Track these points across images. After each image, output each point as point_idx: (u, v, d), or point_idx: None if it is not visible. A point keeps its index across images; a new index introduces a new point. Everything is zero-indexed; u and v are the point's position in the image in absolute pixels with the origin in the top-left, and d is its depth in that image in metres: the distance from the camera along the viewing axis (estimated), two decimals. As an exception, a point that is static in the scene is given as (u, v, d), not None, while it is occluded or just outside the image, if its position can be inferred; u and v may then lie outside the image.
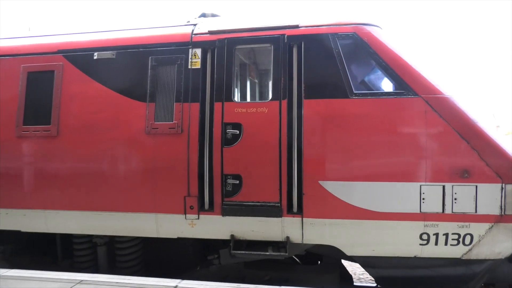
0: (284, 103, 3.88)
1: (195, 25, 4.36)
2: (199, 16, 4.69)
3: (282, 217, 3.87)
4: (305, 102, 3.84)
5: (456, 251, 3.70)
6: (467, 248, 3.67)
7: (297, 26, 4.01)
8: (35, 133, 4.40)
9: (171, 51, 4.23)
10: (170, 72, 4.20)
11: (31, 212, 4.44)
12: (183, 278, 4.01)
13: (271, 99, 3.96)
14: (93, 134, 4.26)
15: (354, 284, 4.70)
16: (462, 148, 3.58)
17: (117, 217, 4.23)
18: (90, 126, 4.27)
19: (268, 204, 3.88)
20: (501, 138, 3.71)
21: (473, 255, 3.69)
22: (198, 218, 4.06)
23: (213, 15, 4.70)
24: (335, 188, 3.74)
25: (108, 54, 4.36)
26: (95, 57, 4.38)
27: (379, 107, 3.72)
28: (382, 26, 4.06)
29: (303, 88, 3.86)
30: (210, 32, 4.18)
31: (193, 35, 4.24)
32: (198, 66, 4.14)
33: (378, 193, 3.69)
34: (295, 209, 3.84)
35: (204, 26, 4.28)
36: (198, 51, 4.18)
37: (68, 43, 4.57)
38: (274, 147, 3.85)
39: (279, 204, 3.85)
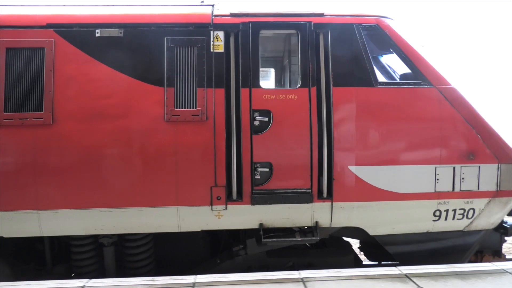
0: (313, 90, 3.93)
1: (213, 5, 4.10)
2: None
3: (313, 203, 3.94)
4: (334, 89, 3.93)
5: (460, 224, 4.21)
6: (469, 221, 4.20)
7: (322, 14, 4.04)
8: (22, 121, 3.72)
9: (190, 32, 3.93)
10: (190, 55, 3.91)
11: (20, 214, 3.78)
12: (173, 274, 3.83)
13: (300, 86, 3.96)
14: (100, 121, 3.78)
15: (363, 263, 4.99)
16: (469, 133, 4.06)
17: (131, 213, 3.85)
18: (96, 113, 3.78)
19: (299, 190, 3.92)
20: (494, 123, 4.28)
21: (473, 227, 4.24)
22: (226, 209, 3.91)
23: None
24: (363, 172, 3.94)
25: (114, 32, 3.85)
26: (97, 35, 3.83)
27: (401, 96, 4.01)
28: (394, 19, 4.32)
29: (331, 76, 3.94)
30: (233, 15, 3.98)
31: (213, 17, 3.99)
32: (222, 49, 3.93)
33: (401, 175, 3.99)
34: (325, 194, 3.94)
35: (225, 8, 4.06)
36: (221, 34, 3.95)
37: (60, 16, 3.94)
38: (305, 134, 3.88)
39: (310, 190, 3.92)
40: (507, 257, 4.97)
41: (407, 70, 4.13)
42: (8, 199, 3.75)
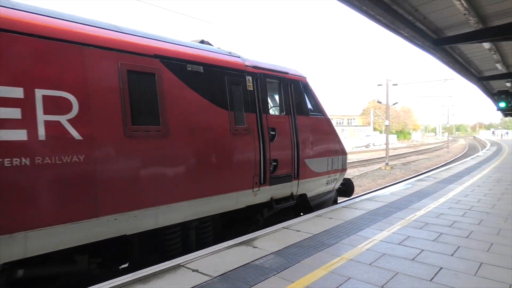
0: (290, 116, 6.91)
1: (238, 57, 6.23)
2: (200, 42, 6.18)
3: (292, 181, 6.88)
4: (297, 117, 7.05)
5: (332, 187, 8.44)
6: (334, 184, 8.49)
7: (288, 73, 7.08)
8: (147, 133, 4.51)
9: (237, 75, 5.92)
10: (239, 90, 5.87)
11: (143, 212, 4.49)
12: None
13: (285, 114, 6.85)
14: (196, 134, 5.10)
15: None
16: (336, 140, 8.27)
17: (215, 200, 5.40)
18: (193, 127, 5.07)
19: (288, 174, 6.78)
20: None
21: (335, 188, 8.64)
22: (259, 190, 6.16)
23: (208, 43, 6.29)
24: (308, 162, 7.28)
25: (199, 68, 5.28)
26: (189, 69, 5.16)
27: (317, 121, 7.66)
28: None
29: (295, 109, 7.02)
30: (254, 67, 6.32)
31: (246, 66, 6.13)
32: (252, 88, 6.12)
33: (319, 163, 7.60)
34: (295, 176, 6.97)
35: (248, 61, 6.28)
36: (250, 78, 6.15)
37: (164, 49, 4.96)
38: (290, 142, 6.80)
39: (291, 174, 6.86)
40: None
41: (311, 107, 7.64)
42: (135, 200, 4.39)
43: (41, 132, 3.64)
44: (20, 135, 3.51)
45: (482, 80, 18.06)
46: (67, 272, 4.24)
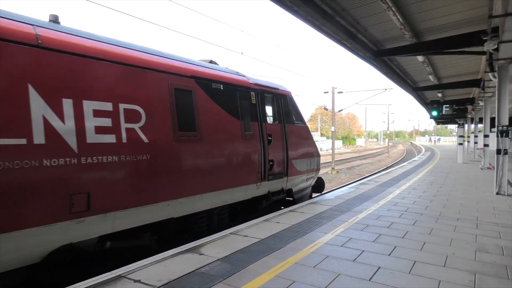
0: (281, 125, 8.06)
1: (244, 76, 7.37)
2: (209, 61, 7.37)
3: (283, 178, 7.99)
4: (286, 125, 8.23)
5: (310, 183, 9.55)
6: (312, 181, 9.62)
7: (278, 89, 8.27)
8: (188, 138, 5.81)
9: (245, 91, 7.13)
10: (246, 103, 7.05)
11: (185, 199, 5.74)
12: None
13: (277, 123, 8.02)
14: (220, 138, 6.51)
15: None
16: (313, 145, 9.42)
17: (230, 191, 6.76)
18: (216, 132, 6.43)
19: (280, 172, 7.90)
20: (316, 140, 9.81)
21: (311, 184, 9.75)
22: (261, 184, 7.32)
23: (215, 63, 7.40)
24: (294, 162, 8.40)
25: (220, 86, 6.68)
26: (213, 86, 6.52)
27: (300, 128, 8.87)
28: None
29: (284, 118, 8.18)
30: (256, 84, 7.56)
31: (250, 84, 7.36)
32: (255, 102, 7.36)
33: (301, 163, 8.73)
34: (285, 173, 8.07)
35: (251, 80, 7.51)
36: (253, 94, 7.34)
37: (197, 71, 6.26)
38: (281, 145, 7.94)
39: (283, 172, 7.97)
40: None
41: (294, 117, 8.96)
42: (180, 189, 5.64)
43: (124, 136, 4.79)
44: (111, 138, 4.64)
45: (417, 90, 19.53)
46: (139, 244, 5.36)
